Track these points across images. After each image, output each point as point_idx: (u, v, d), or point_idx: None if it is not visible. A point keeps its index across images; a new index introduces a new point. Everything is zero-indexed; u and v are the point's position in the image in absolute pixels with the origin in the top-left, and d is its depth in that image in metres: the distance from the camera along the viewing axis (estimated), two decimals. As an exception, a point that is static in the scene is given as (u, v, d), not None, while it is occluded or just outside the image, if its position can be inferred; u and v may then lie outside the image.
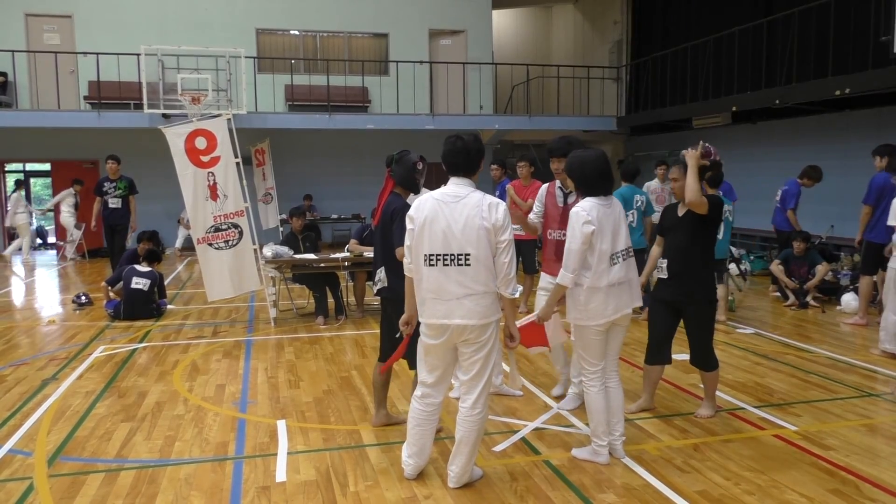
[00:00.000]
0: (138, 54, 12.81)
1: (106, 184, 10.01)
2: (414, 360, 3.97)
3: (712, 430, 4.42)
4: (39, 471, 3.86)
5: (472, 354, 3.44)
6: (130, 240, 9.97)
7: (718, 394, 5.12)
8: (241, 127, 10.71)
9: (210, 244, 7.54)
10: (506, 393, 5.08)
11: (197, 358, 6.32)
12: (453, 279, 3.36)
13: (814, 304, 8.46)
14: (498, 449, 4.12)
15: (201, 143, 7.47)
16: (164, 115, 13.05)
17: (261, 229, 12.70)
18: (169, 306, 8.62)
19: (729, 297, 8.47)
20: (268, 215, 14.76)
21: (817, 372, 5.70)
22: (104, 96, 13.92)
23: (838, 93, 9.66)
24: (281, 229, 14.41)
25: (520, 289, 3.53)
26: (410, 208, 3.51)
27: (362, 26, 16.51)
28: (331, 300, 8.00)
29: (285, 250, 7.78)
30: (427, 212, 3.41)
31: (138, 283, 7.92)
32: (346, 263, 7.68)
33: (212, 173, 7.50)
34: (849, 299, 8.18)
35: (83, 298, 8.87)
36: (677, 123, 14.29)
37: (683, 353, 5.33)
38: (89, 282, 11.02)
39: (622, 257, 3.77)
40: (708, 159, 4.28)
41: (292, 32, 16.37)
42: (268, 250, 7.72)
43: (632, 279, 3.84)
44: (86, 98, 14.59)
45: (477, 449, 3.60)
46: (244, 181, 7.76)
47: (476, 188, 3.49)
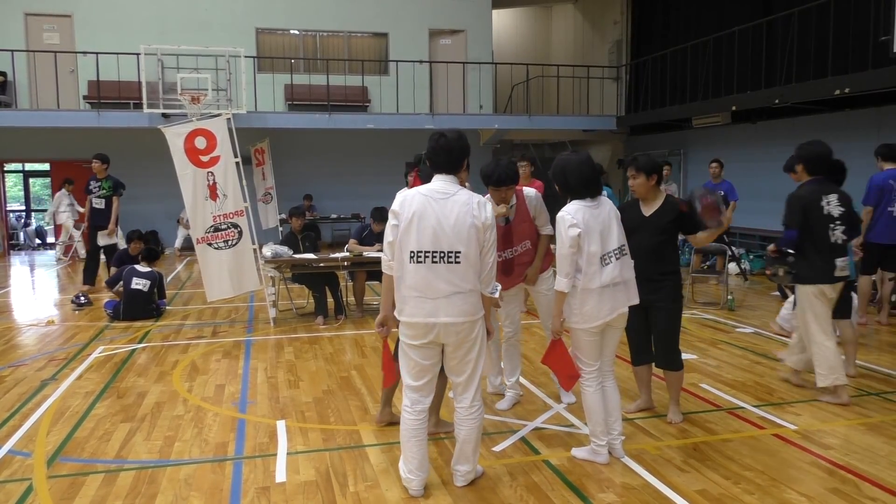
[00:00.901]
0: (138, 54, 12.80)
1: (92, 183, 9.86)
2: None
3: (712, 429, 4.42)
4: (39, 471, 3.86)
5: (465, 355, 3.43)
6: (109, 241, 9.74)
7: (718, 393, 5.13)
8: (241, 126, 10.70)
9: (209, 244, 7.54)
10: (501, 392, 5.07)
11: (196, 358, 6.32)
12: (442, 277, 3.33)
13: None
14: (498, 449, 4.12)
15: (201, 142, 7.47)
16: (164, 115, 13.03)
17: (260, 229, 12.71)
18: (168, 307, 8.62)
19: (728, 296, 8.48)
20: (267, 215, 14.75)
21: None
22: (104, 96, 13.91)
23: (838, 92, 9.66)
24: (280, 229, 14.41)
25: (499, 287, 3.53)
26: (394, 204, 3.47)
27: (362, 26, 16.50)
28: (330, 300, 8.00)
29: (285, 250, 7.78)
30: (415, 207, 3.36)
31: (138, 283, 7.92)
32: (345, 263, 7.68)
33: (211, 173, 7.50)
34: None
35: (82, 299, 8.87)
36: (677, 123, 14.29)
37: (683, 354, 5.32)
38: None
39: (615, 257, 3.73)
40: (709, 207, 4.22)
41: (292, 32, 16.36)
42: (267, 250, 7.72)
43: (627, 279, 3.80)
44: (85, 98, 14.58)
45: (480, 445, 3.62)
46: (244, 181, 7.76)
47: (463, 186, 3.49)
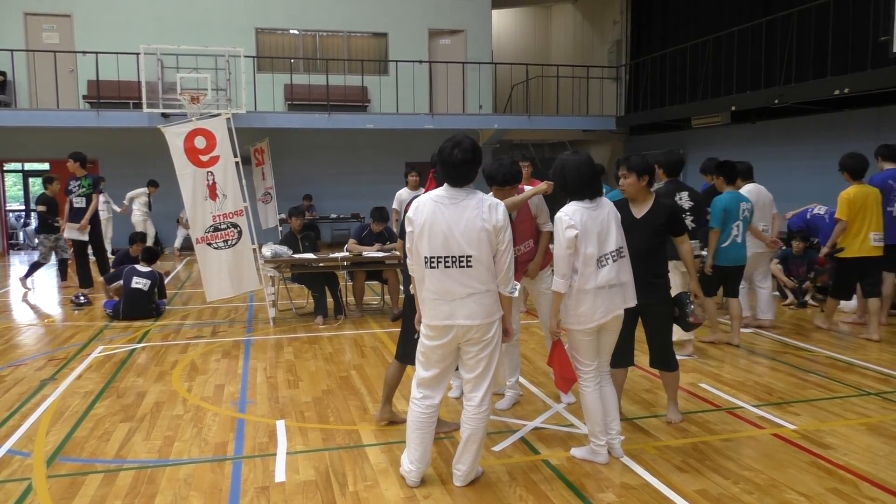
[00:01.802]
0: (137, 53, 12.81)
1: (71, 182, 9.75)
2: (407, 352, 4.01)
3: (711, 429, 4.42)
4: (38, 471, 3.86)
5: (478, 353, 3.44)
6: (80, 236, 9.65)
7: (717, 393, 5.13)
8: (241, 126, 10.69)
9: (209, 244, 7.54)
10: (500, 392, 5.07)
11: (196, 358, 6.32)
12: (457, 280, 3.35)
13: (812, 303, 8.47)
14: (497, 449, 4.12)
15: (200, 142, 7.47)
16: (164, 115, 13.04)
17: (260, 229, 12.70)
18: (167, 306, 8.62)
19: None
20: (267, 215, 14.75)
21: (816, 371, 5.70)
22: (103, 96, 13.91)
23: (837, 92, 9.66)
24: (280, 229, 14.41)
25: (518, 287, 3.52)
26: (409, 210, 3.49)
27: (362, 26, 16.51)
28: (330, 300, 8.00)
29: (284, 250, 7.78)
30: (426, 214, 3.38)
31: (138, 283, 7.92)
32: (345, 263, 7.67)
33: (211, 173, 7.50)
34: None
35: (82, 298, 8.87)
36: (676, 123, 14.31)
37: (682, 354, 5.32)
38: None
39: (612, 259, 3.72)
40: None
41: (292, 32, 16.36)
42: (267, 250, 7.72)
43: (625, 282, 3.79)
44: (85, 97, 14.58)
45: (483, 446, 3.62)
46: (243, 181, 7.76)
47: (473, 189, 3.49)
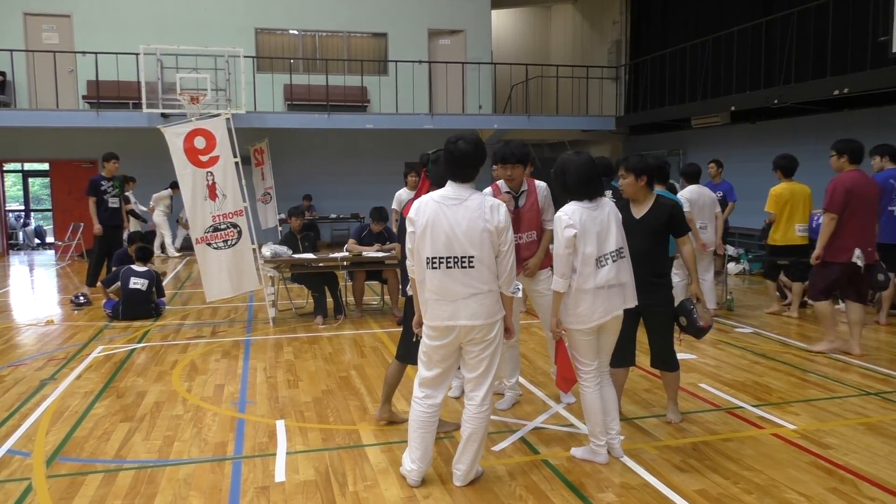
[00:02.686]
0: (137, 54, 12.81)
1: (104, 183, 9.88)
2: (409, 352, 4.00)
3: (711, 429, 4.42)
4: (38, 471, 3.86)
5: (480, 353, 3.45)
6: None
7: (717, 393, 5.13)
8: (240, 126, 10.69)
9: (209, 244, 7.54)
10: (500, 392, 5.07)
11: (196, 358, 6.32)
12: (459, 280, 3.36)
13: (812, 303, 8.46)
14: (497, 448, 4.12)
15: (200, 142, 7.47)
16: (163, 115, 13.04)
17: (259, 229, 12.72)
18: (167, 306, 8.62)
19: (728, 296, 8.48)
20: (266, 215, 14.76)
21: (816, 371, 5.70)
22: (103, 96, 13.91)
23: (837, 92, 9.66)
24: (280, 229, 14.41)
25: (520, 287, 3.52)
26: (410, 211, 3.50)
27: (361, 26, 16.51)
28: (330, 300, 8.00)
29: (284, 250, 7.78)
30: (428, 215, 3.39)
31: (136, 283, 7.91)
32: (344, 263, 7.67)
33: (210, 173, 7.50)
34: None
35: (81, 298, 8.86)
36: (676, 123, 14.30)
37: (682, 353, 5.33)
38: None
39: (612, 259, 3.72)
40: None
41: (291, 32, 16.36)
42: (266, 250, 7.72)
43: (625, 282, 3.78)
44: (84, 97, 14.58)
45: (483, 446, 3.62)
46: (243, 181, 7.76)
47: (475, 189, 3.49)
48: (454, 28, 16.98)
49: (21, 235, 17.76)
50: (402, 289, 4.37)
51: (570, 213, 3.71)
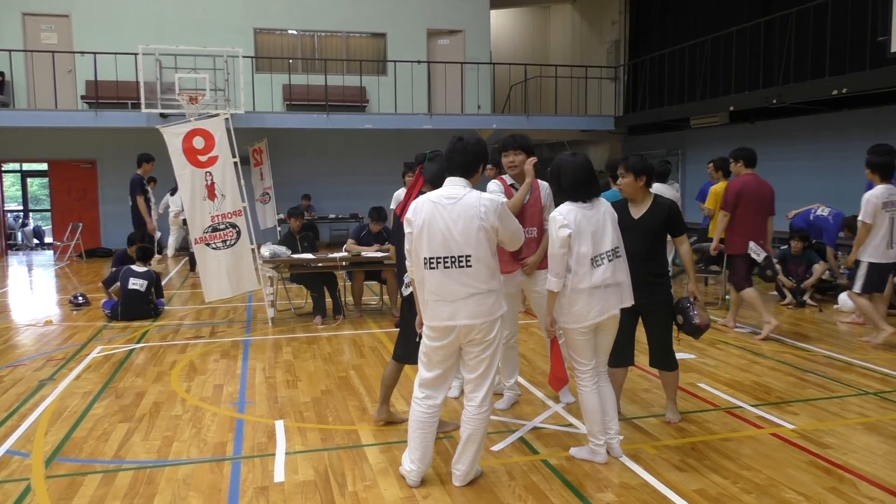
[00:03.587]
0: (136, 54, 12.80)
1: (145, 183, 10.19)
2: (407, 353, 4.04)
3: (710, 428, 4.42)
4: (37, 472, 3.86)
5: (479, 353, 3.45)
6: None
7: (716, 392, 5.13)
8: (239, 126, 10.68)
9: (208, 244, 7.54)
10: (499, 392, 5.07)
11: (195, 358, 6.31)
12: (457, 280, 3.36)
13: (811, 302, 8.48)
14: (496, 448, 4.12)
15: (199, 142, 7.47)
16: (162, 115, 13.03)
17: (258, 229, 12.70)
18: (166, 307, 8.62)
19: (726, 295, 8.48)
20: (265, 215, 14.75)
21: (815, 370, 5.71)
22: (102, 96, 13.90)
23: (835, 92, 9.67)
24: (279, 229, 14.40)
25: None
26: (407, 212, 3.50)
27: (360, 26, 16.50)
28: (329, 300, 8.00)
29: (283, 250, 7.78)
30: (425, 215, 3.40)
31: (135, 283, 7.90)
32: (343, 263, 7.67)
33: (209, 173, 7.50)
34: (846, 298, 8.18)
35: (80, 299, 8.86)
36: (675, 123, 14.31)
37: (681, 353, 5.33)
38: (87, 282, 11.02)
39: (607, 258, 3.72)
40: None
41: (290, 32, 16.36)
42: (266, 250, 7.72)
43: (621, 282, 3.78)
44: (83, 97, 14.57)
45: (483, 446, 3.62)
46: (242, 181, 7.76)
47: (472, 188, 3.50)
48: (453, 28, 16.98)
49: (20, 236, 17.76)
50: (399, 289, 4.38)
51: (565, 212, 3.72)
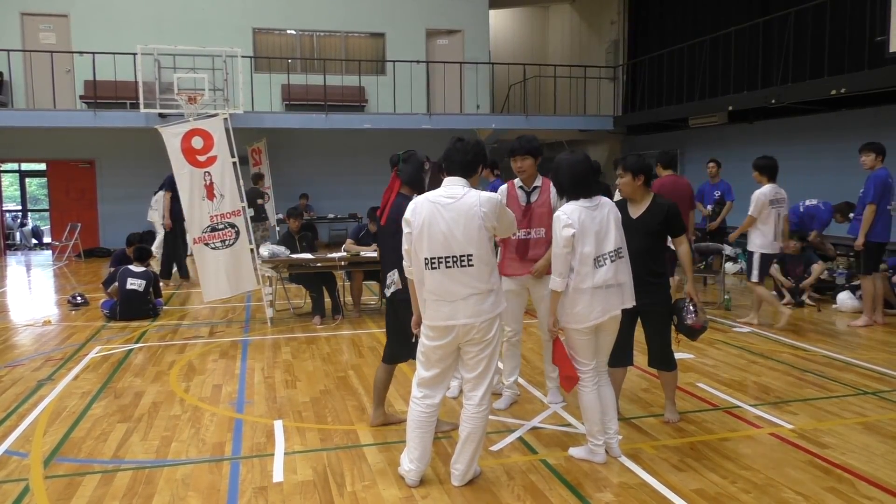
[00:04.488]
0: (135, 54, 12.79)
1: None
2: (395, 353, 4.08)
3: (709, 428, 4.42)
4: (35, 472, 3.85)
5: (478, 353, 3.45)
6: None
7: (715, 392, 5.14)
8: (238, 126, 10.69)
9: (206, 244, 7.53)
10: (499, 391, 5.07)
11: (193, 358, 6.31)
12: (458, 280, 3.36)
13: (809, 302, 8.49)
14: (495, 448, 4.12)
15: (198, 142, 7.47)
16: (161, 115, 13.01)
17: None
18: (165, 307, 8.61)
19: (725, 295, 8.49)
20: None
21: (813, 370, 5.71)
22: (100, 96, 13.88)
23: (834, 92, 9.67)
24: (278, 229, 14.39)
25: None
26: (406, 212, 3.50)
27: (359, 26, 16.50)
28: (328, 300, 8.00)
29: (282, 250, 7.77)
30: (424, 215, 3.40)
31: (133, 283, 7.90)
32: (342, 263, 7.67)
33: (208, 173, 7.50)
34: (844, 298, 8.20)
35: (79, 299, 8.85)
36: (674, 123, 14.31)
37: (679, 353, 5.33)
38: (85, 282, 11.01)
39: (610, 259, 3.72)
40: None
41: (289, 32, 16.35)
42: (264, 250, 7.71)
43: (623, 282, 3.78)
44: (82, 97, 14.55)
45: (482, 445, 3.62)
46: (241, 181, 7.75)
47: (471, 188, 3.50)
48: (452, 28, 16.98)
49: (18, 236, 17.74)
50: (381, 290, 4.39)
51: (570, 212, 3.71)
